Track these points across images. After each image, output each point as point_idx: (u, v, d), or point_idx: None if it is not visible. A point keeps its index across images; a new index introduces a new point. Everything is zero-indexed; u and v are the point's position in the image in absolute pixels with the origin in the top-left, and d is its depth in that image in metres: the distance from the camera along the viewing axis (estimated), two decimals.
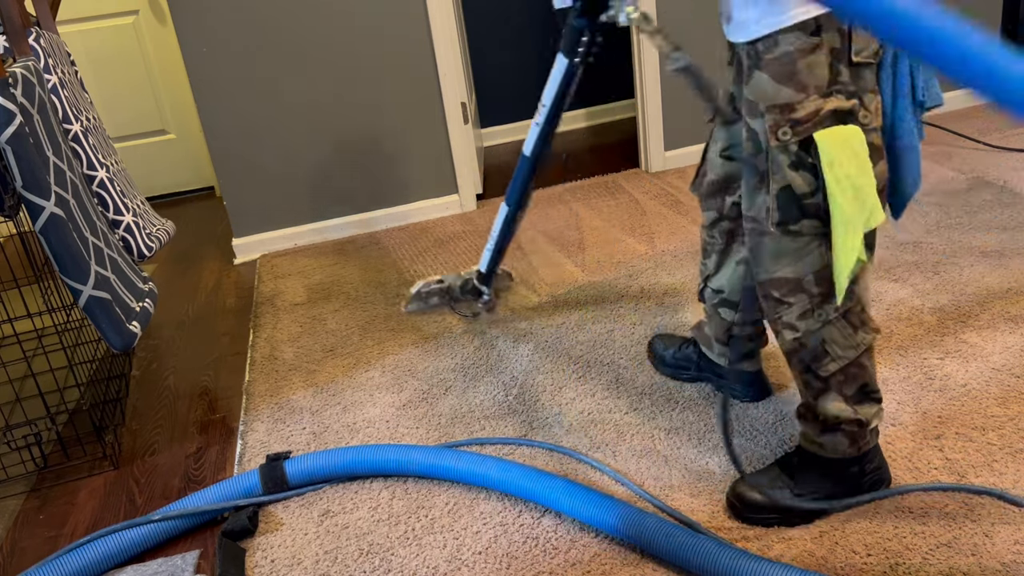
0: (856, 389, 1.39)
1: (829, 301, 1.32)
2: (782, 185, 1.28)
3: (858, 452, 1.43)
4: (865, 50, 1.22)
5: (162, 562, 1.56)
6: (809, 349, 1.36)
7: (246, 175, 3.09)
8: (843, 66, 1.22)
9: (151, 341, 2.61)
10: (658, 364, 1.96)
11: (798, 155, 1.25)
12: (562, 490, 1.52)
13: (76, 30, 3.80)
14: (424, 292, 2.26)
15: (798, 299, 1.34)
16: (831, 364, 1.36)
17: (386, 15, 2.99)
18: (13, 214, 1.81)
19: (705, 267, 1.71)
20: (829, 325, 1.33)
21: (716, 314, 1.73)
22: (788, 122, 1.24)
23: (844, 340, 1.34)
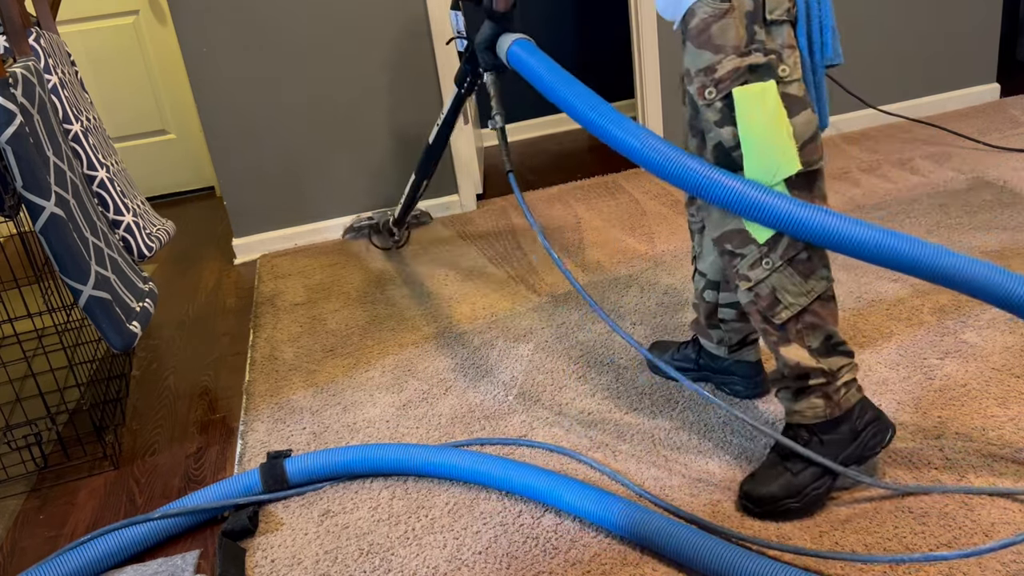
0: (820, 341, 1.43)
1: (774, 250, 1.39)
2: (715, 142, 1.39)
3: (838, 410, 1.45)
4: (778, 8, 1.33)
5: (162, 562, 1.56)
6: (763, 298, 1.42)
7: (246, 175, 3.09)
8: (757, 26, 1.33)
9: (151, 341, 2.61)
10: (657, 371, 1.96)
11: (722, 111, 1.36)
12: (567, 488, 1.52)
13: (76, 30, 3.80)
14: (357, 225, 3.13)
15: (748, 250, 1.41)
16: (783, 311, 1.41)
17: (386, 15, 2.99)
18: (13, 214, 1.81)
19: (694, 248, 1.76)
20: (777, 272, 1.40)
21: (702, 298, 1.76)
22: (712, 82, 1.35)
23: (794, 287, 1.40)
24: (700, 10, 1.34)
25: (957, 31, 3.48)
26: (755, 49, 1.33)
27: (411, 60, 3.06)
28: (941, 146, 3.18)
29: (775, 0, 1.32)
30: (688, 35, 1.37)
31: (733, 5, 1.31)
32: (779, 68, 1.34)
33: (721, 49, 1.33)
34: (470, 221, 3.17)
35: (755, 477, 1.50)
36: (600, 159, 3.72)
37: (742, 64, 1.32)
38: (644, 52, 3.23)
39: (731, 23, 1.32)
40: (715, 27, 1.32)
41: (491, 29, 1.70)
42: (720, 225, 1.44)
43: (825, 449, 1.46)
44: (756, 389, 1.80)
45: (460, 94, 2.22)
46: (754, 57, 1.32)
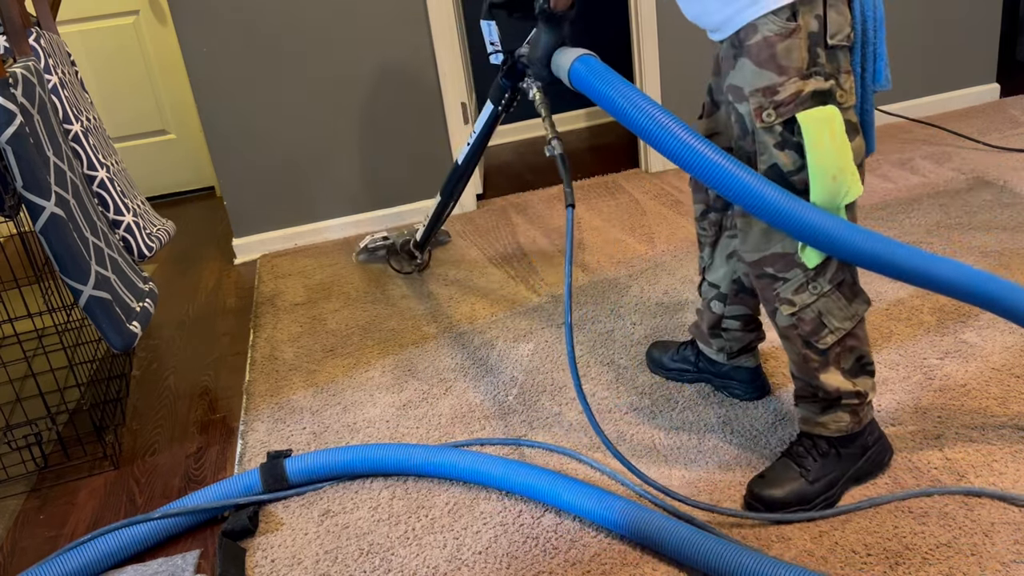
0: (853, 362, 1.43)
1: (822, 274, 1.37)
2: (769, 164, 1.34)
3: (859, 426, 1.47)
4: (839, 33, 1.29)
5: (162, 562, 1.56)
6: (807, 322, 1.40)
7: (246, 175, 3.09)
8: (820, 49, 1.28)
9: (151, 341, 2.61)
10: (657, 369, 1.96)
11: (783, 135, 1.31)
12: (567, 487, 1.52)
13: (76, 30, 3.80)
14: (371, 246, 2.83)
15: (792, 274, 1.38)
16: (829, 336, 1.40)
17: (386, 15, 2.99)
18: (13, 214, 1.81)
19: (702, 259, 1.75)
20: (824, 297, 1.38)
21: (708, 308, 1.75)
22: (771, 104, 1.30)
23: (840, 312, 1.39)
24: (764, 27, 1.28)
25: (957, 31, 3.48)
26: (816, 72, 1.29)
27: (411, 60, 3.06)
28: (941, 146, 3.18)
29: (837, 24, 1.28)
30: (746, 51, 1.31)
31: (800, 25, 1.27)
32: (837, 93, 1.30)
33: (785, 71, 1.28)
34: (470, 221, 3.17)
35: (765, 478, 1.50)
36: (600, 159, 3.72)
37: (804, 88, 1.28)
38: (644, 52, 3.23)
39: (797, 44, 1.27)
40: (780, 47, 1.27)
41: (549, 36, 1.51)
42: (760, 248, 1.41)
43: (841, 462, 1.48)
44: (755, 393, 1.80)
45: (496, 112, 2.01)
46: (816, 81, 1.28)
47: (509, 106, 1.97)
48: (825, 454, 1.48)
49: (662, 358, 1.94)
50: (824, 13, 1.27)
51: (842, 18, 1.29)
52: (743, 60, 1.32)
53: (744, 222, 1.42)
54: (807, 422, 1.50)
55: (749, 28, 1.30)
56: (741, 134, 1.39)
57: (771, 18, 1.27)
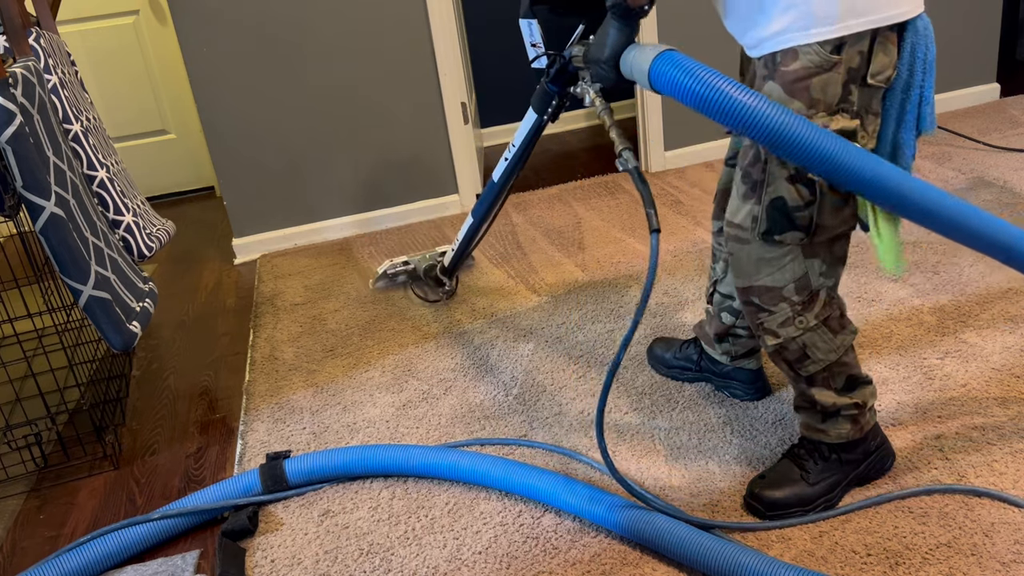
0: (844, 381, 1.43)
1: (809, 309, 1.36)
2: (774, 196, 1.30)
3: (861, 433, 1.46)
4: (881, 74, 1.23)
5: (162, 562, 1.56)
6: (791, 351, 1.40)
7: (246, 175, 3.09)
8: (855, 86, 1.23)
9: (151, 341, 2.61)
10: (658, 366, 1.96)
11: (798, 169, 1.26)
12: (565, 488, 1.52)
13: (76, 30, 3.80)
14: (391, 272, 2.56)
15: (779, 308, 1.37)
16: (811, 366, 1.40)
17: (386, 15, 2.99)
18: (13, 214, 1.81)
19: (714, 272, 1.73)
20: (810, 332, 1.37)
21: (718, 316, 1.74)
22: None
23: (825, 345, 1.38)
24: (805, 56, 1.22)
25: (957, 31, 3.48)
26: (843, 109, 1.23)
27: (411, 60, 3.06)
28: (941, 146, 3.18)
29: (881, 64, 1.23)
30: (778, 76, 1.25)
31: (842, 60, 1.21)
32: (859, 135, 1.25)
33: (815, 104, 1.23)
34: None
35: (766, 479, 1.50)
36: (600, 159, 3.72)
37: (830, 125, 1.23)
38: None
39: (836, 79, 1.22)
40: (816, 80, 1.22)
41: (620, 33, 1.32)
42: (749, 277, 1.38)
43: (842, 467, 1.48)
44: (756, 394, 1.81)
45: (540, 121, 1.77)
46: (843, 119, 1.23)
47: (556, 114, 1.76)
48: (826, 458, 1.48)
49: (664, 355, 1.94)
50: (870, 51, 1.22)
51: (888, 59, 1.23)
52: (772, 84, 1.26)
53: (736, 248, 1.39)
54: (808, 428, 1.50)
55: (789, 53, 1.23)
56: (753, 160, 1.33)
57: (815, 48, 1.21)
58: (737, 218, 1.37)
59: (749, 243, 1.36)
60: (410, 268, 2.50)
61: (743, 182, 1.36)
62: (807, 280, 1.35)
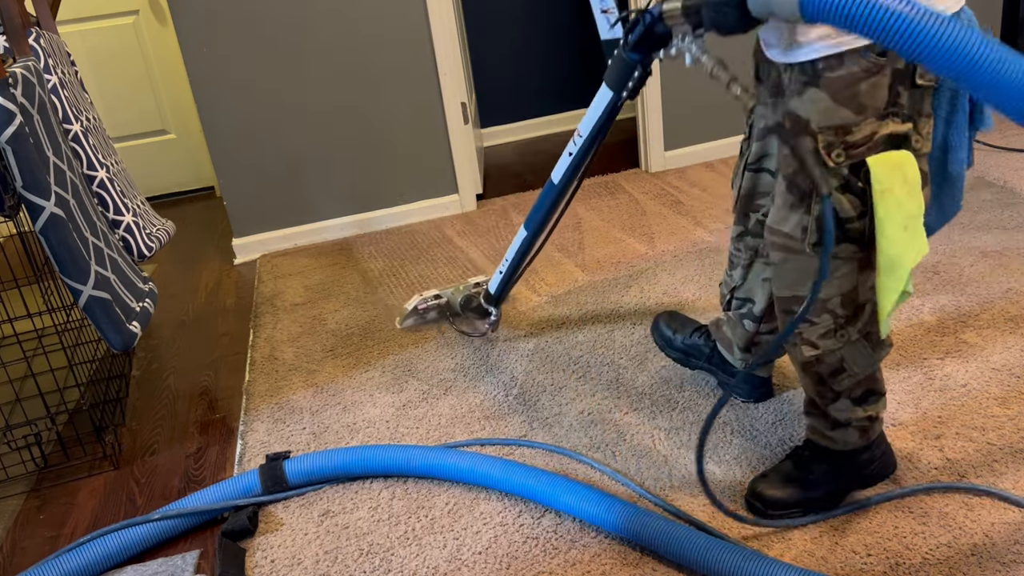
0: (862, 392, 1.40)
1: (853, 323, 1.31)
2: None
3: (867, 441, 1.46)
4: (929, 73, 1.18)
5: (162, 562, 1.56)
6: (827, 365, 1.36)
7: (246, 175, 3.09)
8: (903, 88, 1.18)
9: (151, 341, 2.61)
10: (664, 346, 1.91)
11: (847, 178, 1.21)
12: (565, 489, 1.52)
13: (76, 30, 3.80)
14: (420, 307, 2.30)
15: (822, 319, 1.32)
16: (846, 380, 1.37)
17: (386, 15, 2.99)
18: (13, 214, 1.81)
19: (731, 278, 1.69)
20: (850, 345, 1.33)
21: (740, 324, 1.71)
22: (842, 144, 1.19)
23: (863, 359, 1.35)
24: (850, 61, 1.16)
25: None
26: (893, 113, 1.18)
27: (411, 60, 3.06)
28: None
29: None
30: (823, 83, 1.19)
31: (888, 62, 1.16)
32: (914, 139, 1.20)
33: (864, 110, 1.17)
34: (470, 221, 3.17)
35: (767, 478, 1.50)
36: (600, 159, 3.72)
37: (880, 130, 1.18)
38: None
39: (883, 83, 1.16)
40: (864, 84, 1.16)
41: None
42: (792, 288, 1.34)
43: (844, 472, 1.47)
44: (760, 396, 1.80)
45: (616, 100, 1.50)
46: (893, 124, 1.18)
47: (637, 90, 1.46)
48: (830, 464, 1.47)
49: (673, 336, 1.89)
50: None
51: None
52: (816, 92, 1.20)
53: (781, 258, 1.33)
54: (815, 432, 1.48)
55: (833, 59, 1.17)
56: (797, 168, 1.26)
57: (861, 51, 1.16)
58: (785, 227, 1.31)
59: (799, 254, 1.30)
60: (442, 301, 2.28)
61: (789, 192, 1.29)
62: (855, 294, 1.30)
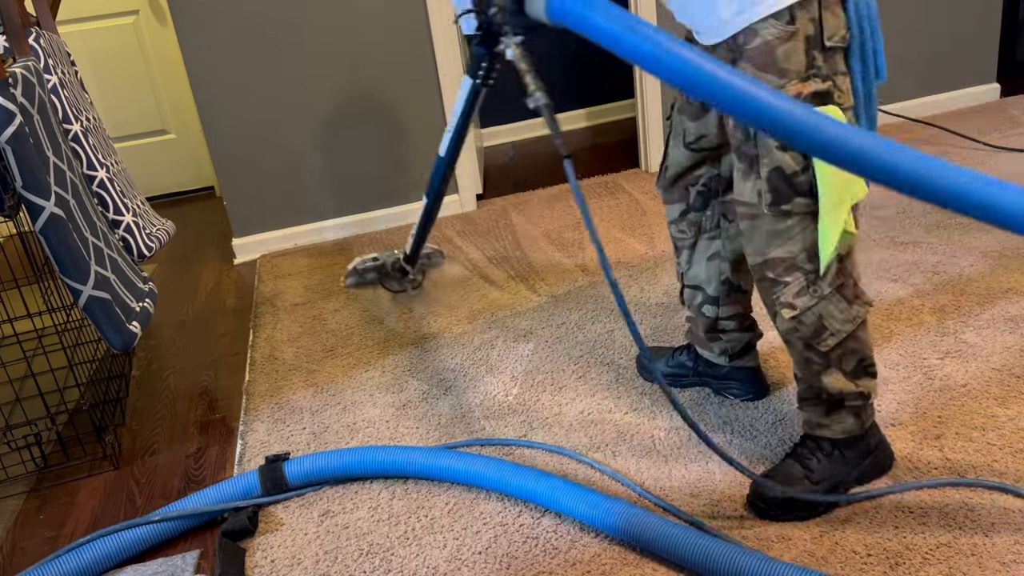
0: (855, 364, 1.43)
1: (824, 277, 1.38)
2: (772, 167, 1.34)
3: (862, 428, 1.47)
4: (835, 35, 1.30)
5: (162, 562, 1.56)
6: (808, 326, 1.40)
7: (246, 175, 3.09)
8: (817, 51, 1.29)
9: (151, 341, 2.61)
10: (650, 376, 1.95)
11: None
12: (563, 491, 1.52)
13: (76, 30, 3.80)
14: (360, 268, 2.47)
15: (794, 277, 1.39)
16: (830, 339, 1.40)
17: (386, 15, 2.99)
18: (13, 214, 1.81)
19: (680, 265, 1.75)
20: (824, 300, 1.38)
21: (700, 314, 1.75)
22: None
23: (841, 314, 1.39)
24: (764, 31, 1.29)
25: (957, 31, 3.48)
26: (814, 75, 1.30)
27: (411, 60, 3.06)
28: (941, 146, 3.18)
29: (832, 26, 1.29)
30: (746, 55, 1.32)
31: (798, 28, 1.28)
32: (836, 95, 1.31)
33: (786, 73, 1.30)
34: (470, 221, 3.17)
35: (770, 478, 1.50)
36: (600, 159, 3.72)
37: (805, 90, 1.29)
38: None
39: (797, 46, 1.28)
40: (780, 50, 1.29)
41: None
42: (762, 251, 1.41)
43: (846, 463, 1.48)
44: (755, 394, 1.80)
45: (475, 86, 1.75)
46: (815, 83, 1.29)
47: (488, 77, 1.71)
48: (829, 455, 1.48)
49: (655, 365, 1.92)
50: (820, 16, 1.28)
51: (837, 20, 1.30)
52: (743, 64, 1.33)
53: (748, 225, 1.42)
54: (811, 424, 1.50)
55: (749, 32, 1.31)
56: (744, 138, 1.38)
57: (771, 21, 1.28)
58: (744, 195, 1.41)
59: (759, 217, 1.39)
60: (379, 264, 2.49)
61: (740, 161, 1.41)
62: (818, 248, 1.37)
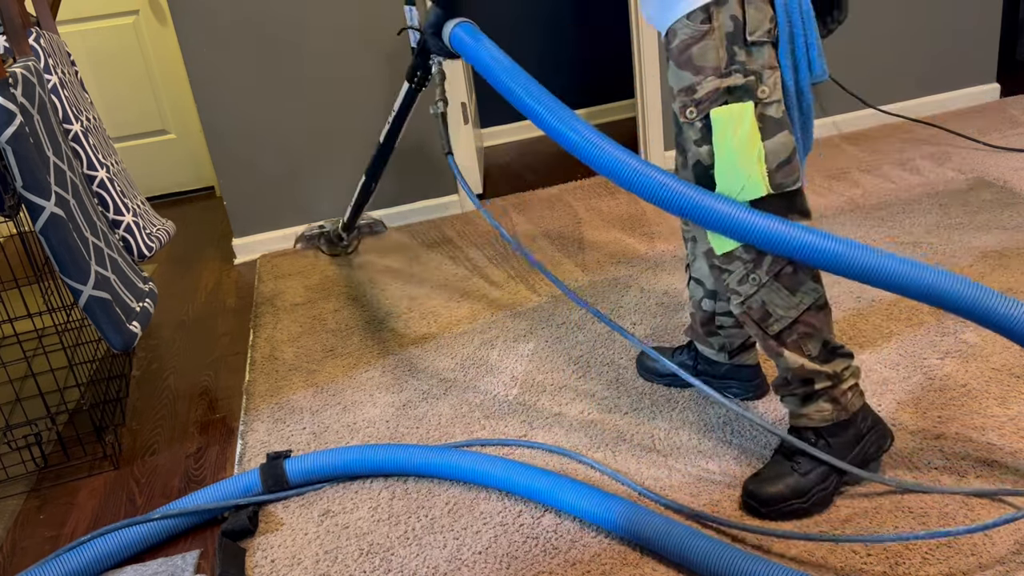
0: (819, 348, 1.44)
1: (760, 266, 1.40)
2: (694, 161, 1.40)
3: (846, 414, 1.46)
4: (759, 29, 1.32)
5: (162, 562, 1.57)
6: (755, 310, 1.44)
7: (246, 175, 3.09)
8: (738, 47, 1.32)
9: (151, 341, 2.61)
10: (652, 376, 1.94)
11: (701, 131, 1.37)
12: (566, 488, 1.52)
13: (76, 30, 3.80)
14: (308, 235, 3.07)
15: (735, 266, 1.42)
16: (775, 324, 1.43)
17: (386, 15, 2.99)
18: (13, 214, 1.81)
19: (687, 256, 1.77)
20: (764, 288, 1.41)
21: (699, 307, 1.76)
22: (693, 103, 1.36)
23: (783, 301, 1.42)
24: (681, 31, 1.34)
25: (957, 31, 3.48)
26: (735, 70, 1.32)
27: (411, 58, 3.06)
28: (941, 146, 3.18)
29: (756, 21, 1.31)
30: (670, 54, 1.38)
31: (713, 27, 1.31)
32: (758, 89, 1.33)
33: (701, 71, 1.33)
34: (470, 221, 3.17)
35: (760, 476, 1.50)
36: None
37: (721, 85, 1.32)
38: (644, 52, 3.23)
39: (711, 44, 1.32)
40: (695, 48, 1.33)
41: (436, 14, 1.63)
42: (705, 240, 1.46)
43: (832, 452, 1.47)
44: (754, 392, 1.81)
45: (411, 89, 2.20)
46: (733, 79, 1.32)
47: (422, 83, 2.16)
48: (813, 445, 1.48)
49: (655, 365, 1.94)
50: (743, 11, 1.30)
51: (761, 14, 1.31)
52: (670, 63, 1.39)
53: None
54: (793, 416, 1.51)
55: (670, 32, 1.37)
56: (678, 131, 1.49)
57: (684, 22, 1.33)
58: None
59: None
60: (325, 231, 3.00)
61: (678, 153, 1.55)
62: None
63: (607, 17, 4.21)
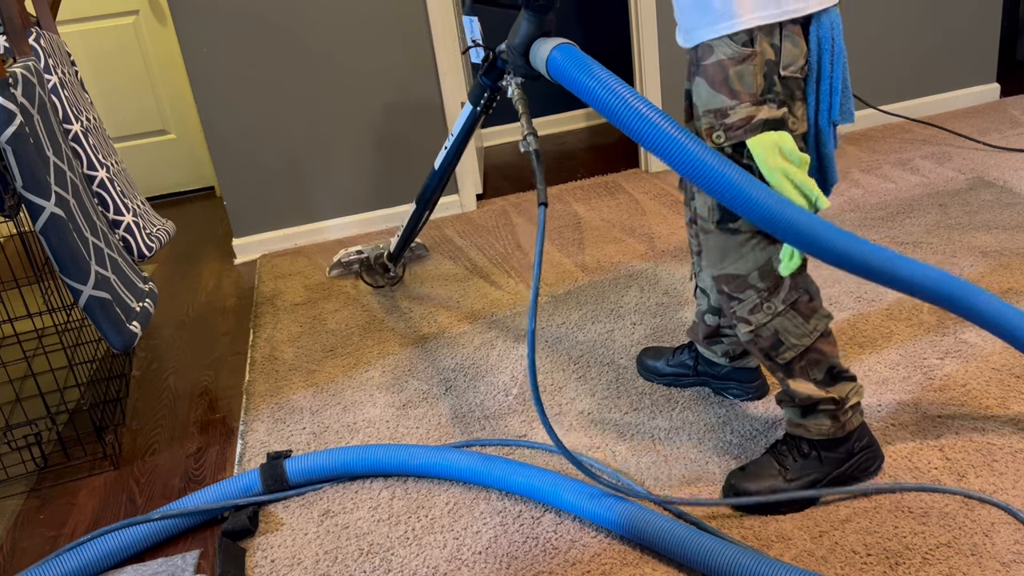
0: (824, 373, 1.43)
1: (775, 294, 1.38)
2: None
3: (843, 431, 1.46)
4: (792, 65, 1.28)
5: (162, 562, 1.57)
6: (765, 339, 1.42)
7: (246, 175, 3.09)
8: (776, 77, 1.28)
9: (151, 341, 2.61)
10: (651, 376, 1.94)
11: (732, 157, 1.31)
12: (566, 488, 1.52)
13: (76, 30, 3.80)
14: (345, 261, 2.76)
15: (747, 295, 1.40)
16: (787, 352, 1.41)
17: (386, 15, 2.99)
18: (13, 214, 1.81)
19: (694, 266, 1.75)
20: (779, 317, 1.39)
21: (703, 321, 1.75)
22: (721, 126, 1.30)
23: (796, 329, 1.40)
24: (719, 49, 1.27)
25: (957, 31, 3.48)
26: (770, 100, 1.28)
27: (411, 60, 3.06)
28: (941, 146, 3.18)
29: (791, 56, 1.27)
30: (701, 70, 1.31)
31: (756, 51, 1.25)
32: (790, 121, 1.30)
33: (737, 95, 1.28)
34: (470, 221, 3.17)
35: (745, 471, 1.52)
36: (600, 159, 3.72)
37: (757, 114, 1.27)
38: (644, 52, 3.23)
39: (750, 69, 1.26)
40: (733, 71, 1.27)
41: (531, 25, 1.42)
42: (717, 265, 1.43)
43: (822, 465, 1.48)
44: (754, 393, 1.81)
45: (475, 112, 1.94)
46: (769, 109, 1.27)
47: (489, 106, 1.92)
48: (806, 455, 1.49)
49: (656, 364, 1.93)
50: (780, 43, 1.26)
51: (797, 50, 1.27)
52: (698, 79, 1.33)
53: (704, 238, 1.44)
54: (791, 423, 1.51)
55: (705, 48, 1.30)
56: None
57: (726, 41, 1.27)
58: (702, 210, 1.43)
59: (710, 233, 1.41)
60: (363, 257, 2.71)
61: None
62: (770, 266, 1.38)
63: (607, 16, 4.21)
